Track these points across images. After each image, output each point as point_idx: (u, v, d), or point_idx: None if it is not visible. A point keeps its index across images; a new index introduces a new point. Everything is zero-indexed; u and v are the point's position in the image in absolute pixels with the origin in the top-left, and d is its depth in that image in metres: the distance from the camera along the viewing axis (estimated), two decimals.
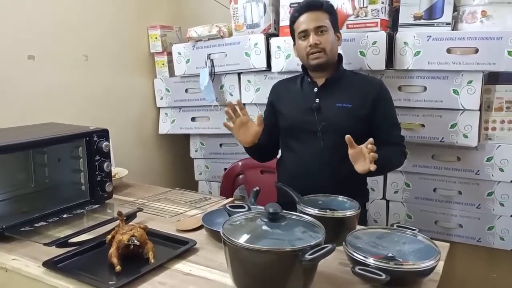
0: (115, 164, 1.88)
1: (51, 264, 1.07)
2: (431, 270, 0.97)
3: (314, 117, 1.51)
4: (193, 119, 2.29)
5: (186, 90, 2.25)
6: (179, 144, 2.50)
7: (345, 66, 1.63)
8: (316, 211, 1.18)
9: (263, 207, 1.04)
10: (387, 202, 1.95)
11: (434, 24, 1.69)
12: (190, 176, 2.42)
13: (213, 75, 2.11)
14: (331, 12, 1.54)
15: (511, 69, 1.57)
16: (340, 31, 1.61)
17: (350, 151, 1.34)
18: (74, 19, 1.93)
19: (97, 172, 1.48)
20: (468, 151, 1.75)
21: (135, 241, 1.08)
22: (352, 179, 1.46)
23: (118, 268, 1.03)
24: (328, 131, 1.50)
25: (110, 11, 2.11)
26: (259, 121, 1.51)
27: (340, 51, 1.60)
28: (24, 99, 1.74)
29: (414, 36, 1.69)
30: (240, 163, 2.15)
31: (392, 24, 1.85)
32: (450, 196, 1.83)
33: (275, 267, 0.90)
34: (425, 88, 1.73)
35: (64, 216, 1.38)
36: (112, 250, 1.07)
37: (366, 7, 1.73)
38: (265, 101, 2.03)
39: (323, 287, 0.99)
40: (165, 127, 2.38)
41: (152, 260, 1.07)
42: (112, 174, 1.60)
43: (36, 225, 1.30)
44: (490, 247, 1.79)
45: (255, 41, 1.98)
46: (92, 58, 2.02)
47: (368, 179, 1.67)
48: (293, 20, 1.56)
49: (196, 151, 2.37)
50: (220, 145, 2.30)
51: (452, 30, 1.69)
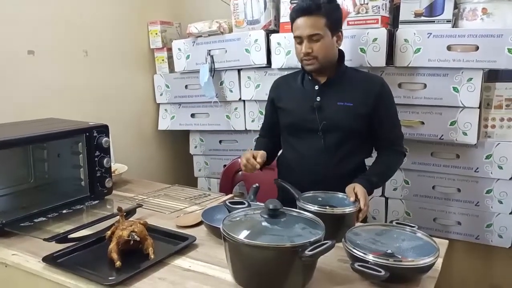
0: (115, 160, 1.88)
1: (51, 260, 1.07)
2: (430, 266, 0.98)
3: (315, 115, 1.50)
4: (192, 115, 2.29)
5: (186, 86, 2.25)
6: (178, 140, 2.50)
7: (345, 63, 1.62)
8: (316, 208, 1.18)
9: (262, 204, 1.04)
10: (386, 199, 1.95)
11: (434, 21, 1.69)
12: (189, 172, 2.42)
13: (213, 71, 2.11)
14: (330, 13, 1.46)
15: (511, 67, 1.57)
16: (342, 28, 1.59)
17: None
18: (74, 14, 1.93)
19: (96, 168, 1.48)
20: (468, 148, 1.75)
21: (135, 236, 1.08)
22: (352, 177, 1.46)
23: (118, 263, 1.03)
24: (329, 130, 1.49)
25: (110, 6, 2.10)
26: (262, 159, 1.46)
27: (342, 47, 1.58)
28: (24, 94, 1.74)
29: (415, 33, 1.69)
30: (239, 160, 2.15)
31: (393, 21, 1.85)
32: (449, 194, 1.84)
33: (275, 263, 0.91)
34: (425, 85, 1.73)
35: (64, 211, 1.38)
36: (112, 246, 1.08)
37: (367, 3, 1.73)
38: (265, 97, 2.02)
39: (322, 283, 1.00)
40: (164, 123, 2.38)
41: (152, 256, 1.08)
42: (112, 170, 1.60)
43: (35, 220, 1.31)
44: (488, 245, 1.80)
45: (255, 37, 1.98)
46: (92, 53, 2.02)
47: None
48: (291, 20, 1.52)
49: (195, 147, 2.37)
50: (220, 141, 2.30)
51: (453, 27, 1.69)
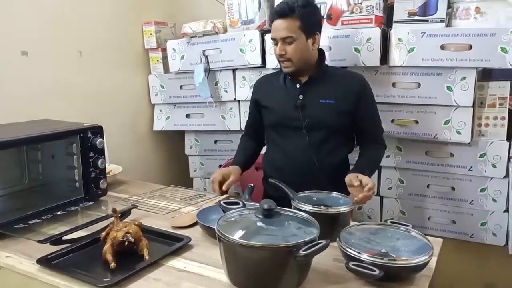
0: (109, 161, 1.88)
1: (45, 261, 1.07)
2: (424, 265, 0.98)
3: (299, 113, 1.52)
4: (187, 115, 2.29)
5: (181, 87, 2.25)
6: (173, 140, 2.50)
7: (339, 62, 1.63)
8: (311, 208, 1.18)
9: (257, 204, 1.05)
10: (381, 198, 1.96)
11: (428, 21, 1.70)
12: (185, 173, 2.42)
13: (208, 72, 2.10)
14: (304, 17, 1.45)
15: (505, 65, 1.58)
16: (335, 27, 1.59)
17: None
18: (68, 14, 1.92)
19: (91, 169, 1.48)
20: (461, 147, 1.76)
21: (130, 237, 1.08)
22: (337, 172, 1.51)
23: (113, 265, 1.03)
24: (312, 128, 1.52)
25: (105, 6, 2.09)
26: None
27: (335, 46, 1.58)
28: (18, 95, 1.73)
29: (408, 33, 1.70)
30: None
31: (387, 21, 1.85)
32: (443, 192, 1.85)
33: (269, 263, 0.91)
34: (419, 85, 1.74)
35: (58, 213, 1.38)
36: (107, 247, 1.07)
37: (361, 3, 1.73)
38: None
39: (317, 283, 1.00)
40: (159, 124, 2.37)
41: (146, 257, 1.07)
42: (107, 171, 1.60)
43: (30, 222, 1.30)
44: (483, 243, 1.81)
45: (250, 37, 1.98)
46: (86, 54, 2.01)
47: None
48: (270, 23, 1.54)
49: (191, 148, 2.36)
50: (215, 141, 2.29)
51: (446, 26, 1.70)
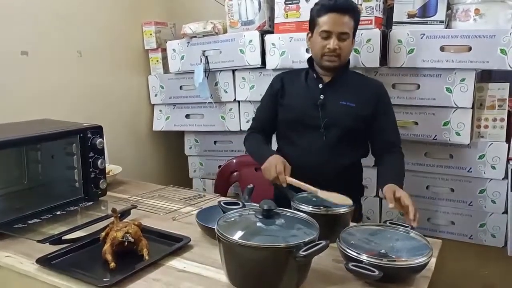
0: (109, 161, 1.87)
1: (45, 261, 1.07)
2: (423, 266, 0.99)
3: (318, 112, 1.53)
4: (187, 116, 2.29)
5: (181, 87, 2.25)
6: (173, 141, 2.50)
7: None
8: (310, 208, 1.18)
9: (257, 205, 1.05)
10: (380, 199, 1.95)
11: (427, 22, 1.70)
12: (184, 173, 2.42)
13: (207, 72, 2.11)
14: (356, 18, 1.53)
15: (504, 67, 1.59)
16: None
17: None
18: (68, 15, 1.92)
19: (91, 169, 1.48)
20: (461, 148, 1.76)
21: (129, 238, 1.08)
22: (349, 174, 1.52)
23: (113, 265, 1.03)
24: (330, 127, 1.52)
25: (105, 7, 2.09)
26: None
27: None
28: (18, 95, 1.73)
29: (408, 34, 1.70)
30: (234, 161, 2.15)
31: (386, 22, 1.86)
32: (443, 194, 1.85)
33: (269, 263, 0.91)
34: (418, 86, 1.74)
35: (58, 213, 1.38)
36: (107, 247, 1.07)
37: (361, 4, 1.73)
38: (259, 98, 2.02)
39: (316, 283, 1.00)
40: (159, 124, 2.37)
41: (146, 257, 1.07)
42: (106, 171, 1.60)
43: (29, 222, 1.30)
44: (482, 244, 1.81)
45: (249, 38, 1.98)
46: (86, 54, 2.01)
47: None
48: (319, 14, 1.52)
49: (190, 148, 2.36)
50: (215, 142, 2.30)
51: (446, 28, 1.70)
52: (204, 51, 2.10)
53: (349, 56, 1.57)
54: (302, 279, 0.97)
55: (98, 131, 1.50)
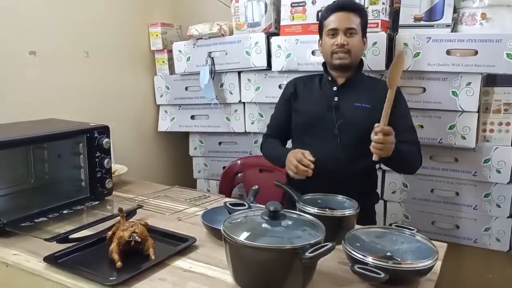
0: (115, 161, 1.88)
1: (52, 260, 1.08)
2: (429, 269, 0.99)
3: (332, 114, 1.53)
4: (192, 117, 2.29)
5: (186, 88, 2.26)
6: (178, 142, 2.51)
7: None
8: (316, 210, 1.19)
9: (262, 206, 1.05)
10: (385, 202, 1.95)
11: (434, 26, 1.70)
12: (188, 174, 2.43)
13: (213, 73, 2.11)
14: (363, 16, 1.55)
15: (510, 71, 1.59)
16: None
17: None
18: (76, 15, 1.93)
19: (97, 169, 1.49)
20: (466, 152, 1.76)
21: (136, 237, 1.08)
22: (364, 178, 1.52)
23: (119, 264, 1.04)
24: (345, 129, 1.52)
25: (111, 8, 2.11)
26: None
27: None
28: (25, 95, 1.74)
29: (414, 37, 1.70)
30: (239, 162, 2.16)
31: (392, 25, 1.86)
32: (448, 197, 1.84)
33: (275, 264, 0.91)
34: (424, 89, 1.74)
35: (64, 212, 1.39)
36: (113, 246, 1.08)
37: (367, 7, 1.74)
38: (265, 99, 2.04)
39: (322, 285, 1.00)
40: (164, 125, 2.38)
41: (152, 257, 1.08)
42: (112, 171, 1.61)
43: (36, 220, 1.31)
44: (487, 248, 1.81)
45: (255, 40, 1.99)
46: (93, 54, 2.02)
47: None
48: (325, 16, 1.55)
49: (195, 149, 2.37)
50: (219, 143, 2.30)
51: (452, 32, 1.70)
52: (210, 52, 2.11)
53: (360, 54, 1.58)
54: (308, 280, 0.97)
55: (104, 131, 1.51)
